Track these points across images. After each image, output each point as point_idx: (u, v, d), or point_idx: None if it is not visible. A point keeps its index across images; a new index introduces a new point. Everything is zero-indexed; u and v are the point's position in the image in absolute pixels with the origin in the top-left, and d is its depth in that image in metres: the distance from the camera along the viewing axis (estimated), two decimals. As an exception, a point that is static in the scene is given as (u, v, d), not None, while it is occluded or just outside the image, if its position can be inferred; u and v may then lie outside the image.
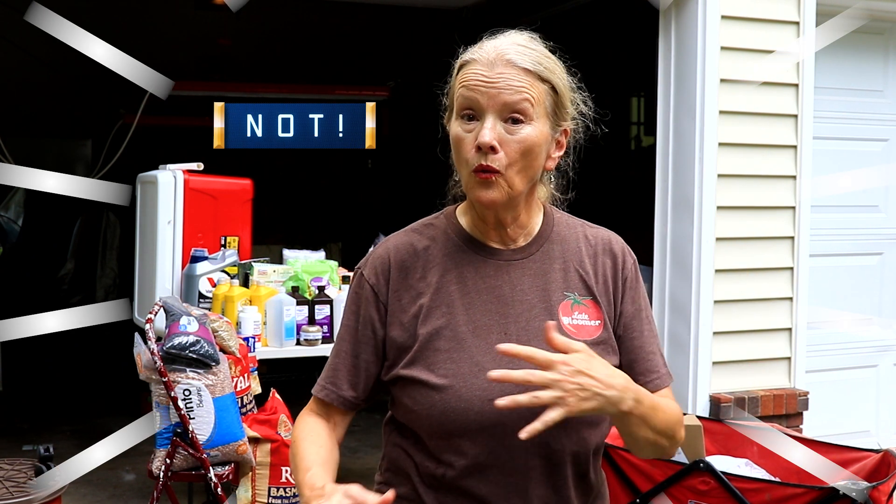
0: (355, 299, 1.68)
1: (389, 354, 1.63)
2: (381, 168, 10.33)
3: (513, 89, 1.53)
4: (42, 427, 6.05)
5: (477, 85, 1.54)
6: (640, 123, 10.75)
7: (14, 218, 8.78)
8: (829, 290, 4.96)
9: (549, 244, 1.67)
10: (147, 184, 4.90)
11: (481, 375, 1.55)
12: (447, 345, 1.58)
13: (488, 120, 1.53)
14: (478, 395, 1.54)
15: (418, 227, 1.71)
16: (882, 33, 5.08)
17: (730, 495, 2.90)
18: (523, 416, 1.52)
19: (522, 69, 1.54)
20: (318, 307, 4.46)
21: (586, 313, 1.63)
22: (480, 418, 1.53)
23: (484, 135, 1.52)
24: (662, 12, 4.59)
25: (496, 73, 1.53)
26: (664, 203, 4.60)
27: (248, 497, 3.84)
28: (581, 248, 1.69)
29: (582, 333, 1.61)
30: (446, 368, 1.56)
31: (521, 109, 1.54)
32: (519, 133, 1.54)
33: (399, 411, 1.64)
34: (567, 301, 1.63)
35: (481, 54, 1.56)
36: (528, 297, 1.62)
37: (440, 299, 1.61)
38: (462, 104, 1.56)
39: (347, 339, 1.67)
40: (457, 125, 1.58)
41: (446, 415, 1.54)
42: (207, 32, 8.63)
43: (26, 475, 3.06)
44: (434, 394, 1.55)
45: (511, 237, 1.65)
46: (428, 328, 1.59)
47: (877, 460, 3.15)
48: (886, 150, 5.12)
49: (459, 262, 1.64)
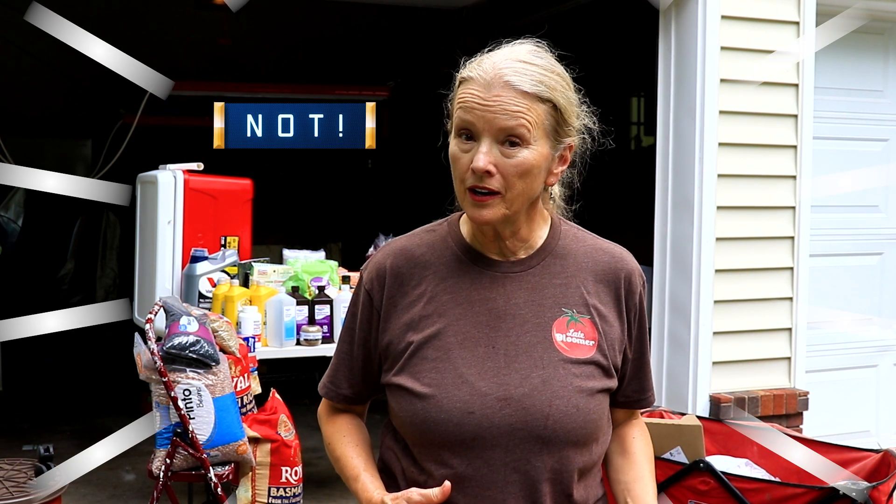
0: (355, 301, 1.70)
1: (384, 359, 1.64)
2: (381, 168, 10.33)
3: (509, 114, 1.50)
4: (42, 427, 6.05)
5: (473, 107, 1.51)
6: (640, 123, 10.76)
7: (14, 218, 8.77)
8: (829, 290, 4.96)
9: (551, 258, 1.64)
10: (147, 184, 4.90)
11: (464, 387, 1.54)
12: (434, 354, 1.57)
13: (484, 144, 1.51)
14: (458, 406, 1.53)
15: (419, 234, 1.70)
16: (882, 33, 5.08)
17: (730, 495, 2.90)
18: (503, 431, 1.52)
19: (521, 92, 1.51)
20: (318, 307, 4.46)
21: (582, 332, 1.60)
22: (459, 430, 1.52)
23: (478, 160, 1.50)
24: (662, 12, 4.59)
25: (492, 97, 1.50)
26: (664, 203, 4.60)
27: (248, 497, 3.84)
28: (588, 265, 1.66)
29: (575, 352, 1.59)
30: (430, 378, 1.56)
31: (517, 134, 1.51)
32: (516, 157, 1.52)
33: (391, 416, 1.66)
34: (563, 317, 1.61)
35: (480, 73, 1.53)
36: (522, 311, 1.60)
37: (433, 308, 1.60)
38: (459, 124, 1.54)
39: (347, 339, 1.70)
40: (454, 143, 1.56)
41: (427, 424, 1.54)
42: (207, 32, 8.63)
43: (26, 475, 3.06)
44: (417, 402, 1.55)
45: (511, 249, 1.63)
46: (418, 336, 1.59)
47: (877, 460, 3.14)
48: (886, 150, 5.12)
49: (456, 272, 1.63)
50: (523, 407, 1.53)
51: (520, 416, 1.53)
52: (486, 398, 1.53)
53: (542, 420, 1.53)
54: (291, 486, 3.90)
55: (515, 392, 1.54)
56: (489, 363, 1.56)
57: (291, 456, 3.90)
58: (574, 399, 1.55)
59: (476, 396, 1.53)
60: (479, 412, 1.53)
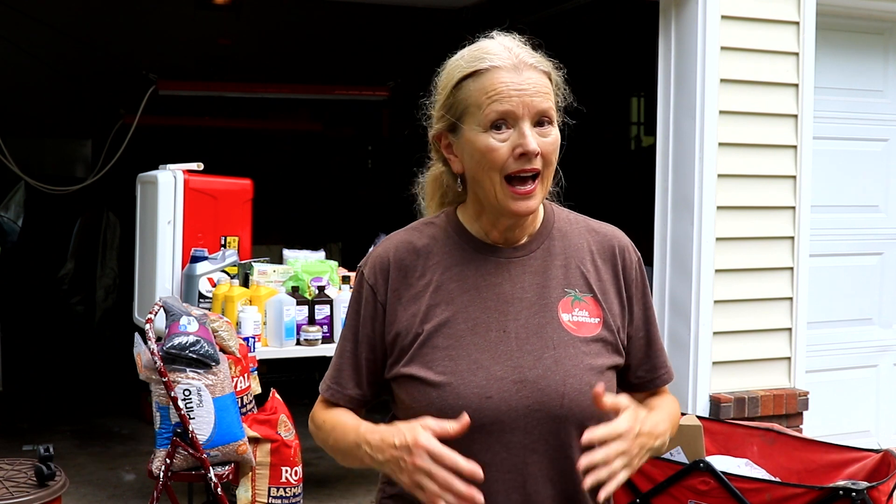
0: (356, 298, 1.69)
1: (390, 352, 1.64)
2: (381, 168, 10.32)
3: (542, 95, 1.55)
4: (42, 427, 6.05)
5: (509, 95, 1.53)
6: (640, 123, 10.75)
7: (14, 218, 8.77)
8: (829, 290, 4.96)
9: (549, 241, 1.67)
10: (147, 184, 4.90)
11: (479, 373, 1.56)
12: (445, 342, 1.58)
13: (525, 127, 1.54)
14: (475, 392, 1.55)
15: (418, 226, 1.71)
16: (882, 33, 5.08)
17: (730, 495, 2.90)
18: (521, 413, 1.54)
19: (542, 72, 1.57)
20: (318, 307, 4.46)
21: (586, 310, 1.63)
22: (478, 415, 1.53)
23: (529, 142, 1.53)
24: (662, 12, 4.59)
25: (525, 79, 1.54)
26: (664, 203, 4.60)
27: (248, 497, 3.84)
28: (584, 245, 1.69)
29: (582, 330, 1.61)
30: (444, 366, 1.57)
31: (549, 114, 1.56)
32: (551, 135, 1.57)
33: (399, 409, 1.65)
34: (567, 297, 1.63)
35: (502, 61, 1.55)
36: (528, 294, 1.62)
37: (440, 297, 1.61)
38: (494, 116, 1.54)
39: (350, 338, 1.68)
40: (485, 136, 1.55)
41: (444, 412, 1.53)
42: (207, 32, 8.64)
43: (26, 475, 3.06)
44: (432, 391, 1.56)
45: (516, 237, 1.66)
46: (427, 326, 1.59)
47: (877, 460, 3.14)
48: (886, 150, 5.12)
49: (460, 261, 1.64)
50: (539, 388, 1.56)
51: (536, 397, 1.55)
52: (503, 381, 1.55)
53: (558, 399, 1.55)
54: (291, 486, 3.90)
55: (530, 374, 1.56)
56: (502, 347, 1.58)
57: (291, 456, 3.90)
58: (586, 376, 1.58)
59: (492, 381, 1.55)
60: (497, 396, 1.54)
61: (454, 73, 1.59)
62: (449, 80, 1.60)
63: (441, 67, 1.64)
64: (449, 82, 1.60)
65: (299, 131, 9.64)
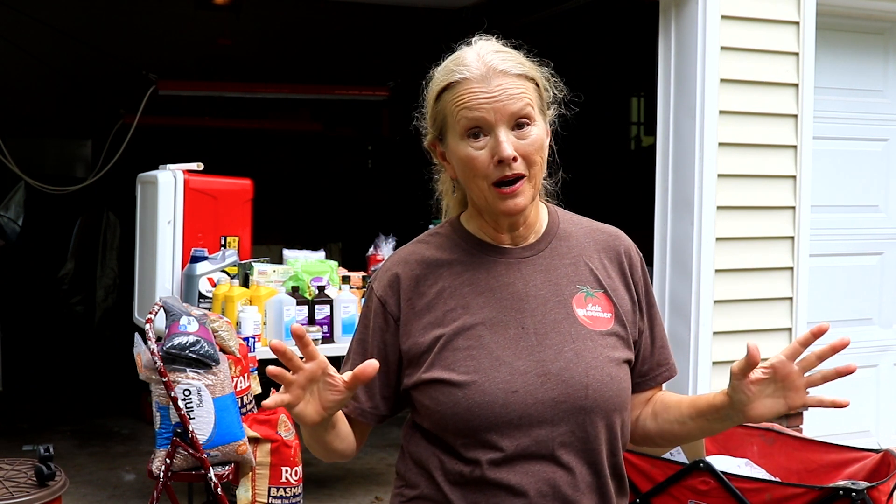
0: (366, 312, 1.71)
1: (407, 362, 1.65)
2: (381, 168, 10.32)
3: (514, 98, 1.56)
4: (42, 427, 6.05)
5: (479, 104, 1.56)
6: (640, 123, 10.76)
7: (14, 218, 8.77)
8: (829, 290, 4.96)
9: (556, 240, 1.70)
10: (147, 184, 4.90)
11: (503, 369, 1.58)
12: (466, 343, 1.60)
13: (500, 133, 1.56)
14: (501, 387, 1.57)
15: (424, 238, 1.74)
16: (882, 33, 5.08)
17: (730, 495, 2.89)
18: (547, 406, 1.57)
19: (514, 75, 1.58)
20: (318, 307, 4.46)
21: (599, 305, 1.66)
22: (505, 410, 1.56)
23: (504, 149, 1.55)
24: (662, 12, 4.59)
25: (494, 87, 1.56)
26: (664, 203, 4.60)
27: (248, 497, 3.84)
28: (590, 244, 1.72)
29: (597, 324, 1.64)
30: (467, 366, 1.58)
31: (525, 114, 1.57)
32: (530, 135, 1.58)
33: (421, 416, 1.66)
34: (580, 294, 1.66)
35: (470, 72, 1.58)
36: (542, 291, 1.64)
37: (455, 302, 1.63)
38: (466, 125, 1.58)
39: (359, 351, 1.69)
40: (464, 145, 1.59)
41: (471, 410, 1.56)
42: (207, 32, 8.63)
43: (26, 475, 3.06)
44: (457, 391, 1.57)
45: (522, 236, 1.68)
46: (445, 330, 1.61)
47: (877, 460, 3.14)
48: (886, 150, 5.12)
49: (470, 265, 1.66)
50: (563, 380, 1.58)
51: (561, 390, 1.57)
52: (527, 376, 1.57)
53: (583, 391, 1.58)
54: (291, 486, 3.90)
55: (552, 367, 1.58)
56: (522, 343, 1.60)
57: (291, 456, 3.90)
58: (607, 368, 1.61)
59: (517, 375, 1.57)
60: (523, 390, 1.56)
61: (433, 87, 1.64)
62: (431, 94, 1.65)
63: (427, 78, 1.67)
64: (431, 95, 1.65)
65: (299, 131, 9.64)
